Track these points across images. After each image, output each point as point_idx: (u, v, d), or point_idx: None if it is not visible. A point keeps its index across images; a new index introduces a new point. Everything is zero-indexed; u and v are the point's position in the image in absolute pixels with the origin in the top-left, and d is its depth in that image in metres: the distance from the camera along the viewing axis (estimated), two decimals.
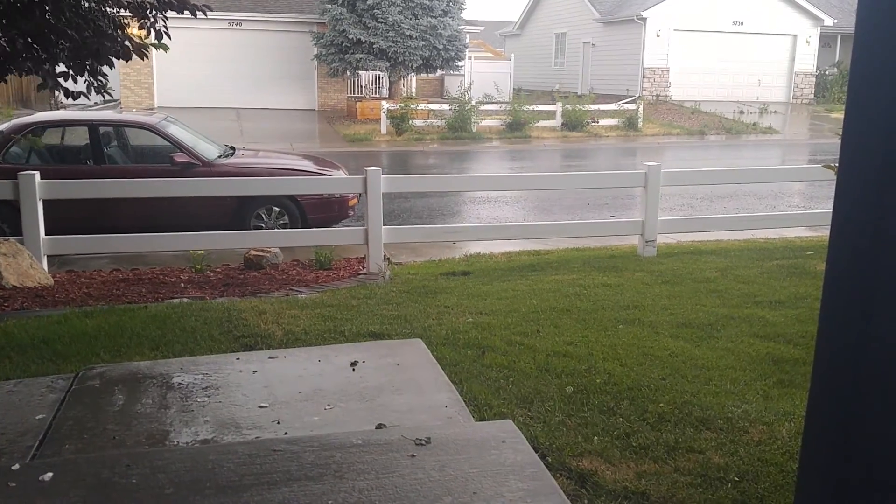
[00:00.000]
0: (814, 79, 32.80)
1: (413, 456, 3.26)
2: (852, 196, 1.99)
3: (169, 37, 5.62)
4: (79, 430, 3.68)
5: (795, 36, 31.98)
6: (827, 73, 33.43)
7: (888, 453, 1.95)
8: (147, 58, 5.81)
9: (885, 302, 1.92)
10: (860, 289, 1.97)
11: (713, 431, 3.79)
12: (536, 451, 3.43)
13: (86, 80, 5.63)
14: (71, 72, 5.53)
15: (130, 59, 5.72)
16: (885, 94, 1.89)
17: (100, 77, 5.62)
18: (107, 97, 5.93)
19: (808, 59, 32.36)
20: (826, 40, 33.77)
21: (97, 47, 5.34)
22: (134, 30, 5.90)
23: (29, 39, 5.22)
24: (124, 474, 3.12)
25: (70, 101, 5.65)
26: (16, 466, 3.22)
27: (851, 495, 2.03)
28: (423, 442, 3.37)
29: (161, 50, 5.68)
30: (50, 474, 3.12)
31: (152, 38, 5.65)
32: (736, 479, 3.34)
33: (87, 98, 5.71)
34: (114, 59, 5.61)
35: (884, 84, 1.89)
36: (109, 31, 5.52)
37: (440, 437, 3.43)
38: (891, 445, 1.94)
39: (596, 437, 3.71)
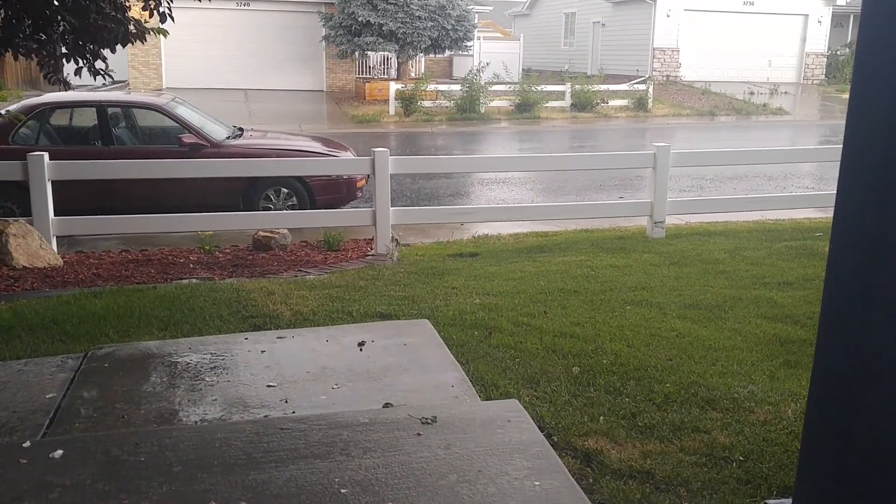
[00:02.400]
0: (825, 59, 32.52)
1: (419, 434, 3.28)
2: (853, 199, 1.99)
3: (173, 19, 5.59)
4: (88, 408, 3.71)
5: (807, 16, 31.67)
6: (839, 53, 33.11)
7: (887, 436, 1.95)
8: (145, 41, 5.77)
9: (884, 303, 1.92)
10: (861, 287, 1.97)
11: (719, 412, 3.80)
12: (542, 431, 3.45)
13: (85, 63, 5.59)
14: (73, 54, 5.50)
15: (133, 43, 5.68)
16: (886, 95, 1.88)
17: (99, 60, 5.59)
18: (108, 80, 5.88)
19: (819, 40, 32.06)
20: (838, 20, 33.45)
21: (98, 30, 5.31)
22: (138, 11, 5.86)
23: (28, 21, 5.20)
24: (133, 452, 3.15)
25: (76, 79, 5.63)
26: (27, 444, 3.25)
27: (851, 475, 2.04)
28: (430, 421, 3.39)
29: (162, 35, 5.65)
30: (60, 452, 3.15)
31: (156, 21, 5.62)
32: (741, 458, 3.35)
33: (78, 78, 5.68)
34: (116, 44, 5.58)
35: (885, 84, 1.88)
36: (112, 14, 5.49)
37: (446, 416, 3.45)
38: (890, 429, 1.95)
39: (602, 417, 3.72)
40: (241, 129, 10.25)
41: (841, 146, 2.10)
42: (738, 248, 7.53)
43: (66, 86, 5.56)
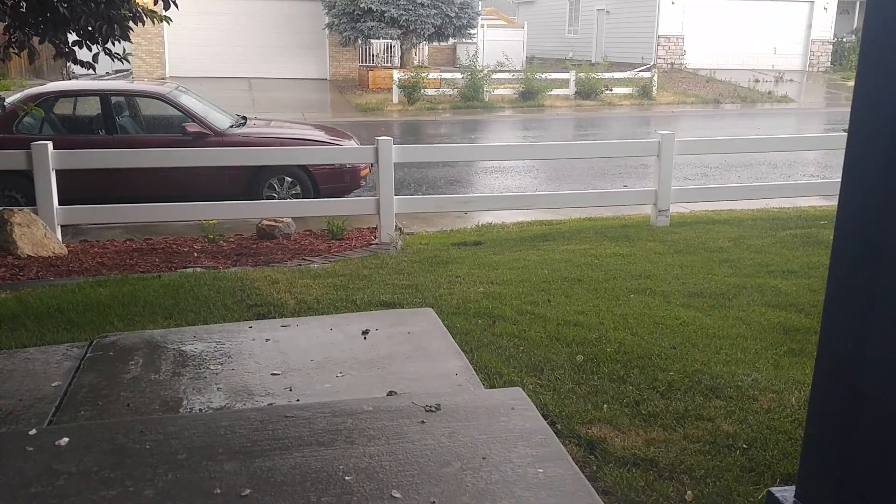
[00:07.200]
0: (831, 46, 32.33)
1: (423, 422, 3.29)
2: (858, 188, 1.99)
3: (176, 6, 5.57)
4: (93, 396, 3.73)
5: (812, 3, 31.48)
6: (844, 40, 32.92)
7: (890, 425, 1.95)
8: (154, 23, 5.78)
9: (888, 292, 1.92)
10: (865, 276, 1.97)
11: (722, 399, 3.80)
12: (546, 419, 3.45)
13: (99, 48, 5.61)
14: (86, 39, 5.51)
15: (143, 23, 5.69)
16: (892, 85, 1.87)
17: (112, 43, 5.60)
18: (125, 64, 5.90)
19: (825, 27, 31.87)
20: (844, 7, 33.23)
21: (108, 16, 5.32)
22: None
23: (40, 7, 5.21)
24: (138, 440, 3.16)
25: (83, 70, 5.64)
26: (33, 431, 3.27)
27: (854, 464, 2.04)
28: (433, 408, 3.40)
29: (165, 22, 5.64)
30: (66, 439, 3.17)
31: (160, 8, 5.60)
32: (744, 446, 3.36)
33: (93, 68, 5.69)
34: (128, 27, 5.59)
35: (892, 73, 1.86)
36: (118, 1, 5.49)
37: (450, 403, 3.46)
38: (894, 418, 1.95)
39: (605, 405, 3.73)
40: (244, 118, 10.24)
41: (845, 133, 2.09)
42: (742, 237, 7.52)
43: (91, 67, 5.59)
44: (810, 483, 2.22)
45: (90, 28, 5.34)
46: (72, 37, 5.64)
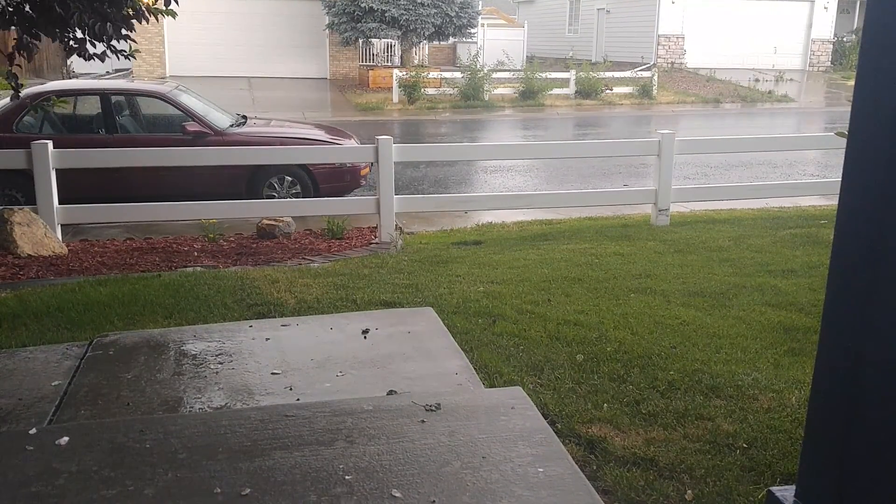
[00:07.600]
0: (831, 46, 32.33)
1: (423, 422, 3.29)
2: (857, 188, 1.99)
3: (177, 3, 5.58)
4: (94, 395, 3.73)
5: (813, 2, 31.48)
6: (845, 39, 32.92)
7: (891, 425, 1.95)
8: (158, 19, 5.79)
9: (888, 292, 1.92)
10: (865, 277, 1.97)
11: (723, 399, 3.80)
12: (546, 418, 3.45)
13: (105, 45, 5.63)
14: (90, 38, 5.52)
15: (143, 22, 5.70)
16: (893, 88, 1.87)
17: (114, 42, 5.60)
18: (131, 60, 5.91)
19: (825, 26, 31.87)
20: (844, 6, 33.23)
21: (104, 14, 5.32)
22: None
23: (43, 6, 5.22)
24: (138, 439, 3.16)
25: (84, 69, 5.65)
26: (33, 431, 3.27)
27: (855, 464, 2.04)
28: (434, 408, 3.40)
29: (170, 17, 5.63)
30: (66, 438, 3.17)
31: (161, 4, 5.60)
32: (745, 445, 3.36)
33: (85, 58, 5.71)
34: (131, 24, 5.60)
35: (892, 75, 1.86)
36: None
37: (450, 403, 3.46)
38: (894, 418, 1.95)
39: (605, 405, 3.73)
40: (244, 118, 10.24)
41: (846, 132, 2.09)
42: (742, 236, 7.53)
43: (97, 58, 5.61)
44: (810, 483, 2.22)
45: (94, 25, 5.34)
46: (79, 35, 5.65)
